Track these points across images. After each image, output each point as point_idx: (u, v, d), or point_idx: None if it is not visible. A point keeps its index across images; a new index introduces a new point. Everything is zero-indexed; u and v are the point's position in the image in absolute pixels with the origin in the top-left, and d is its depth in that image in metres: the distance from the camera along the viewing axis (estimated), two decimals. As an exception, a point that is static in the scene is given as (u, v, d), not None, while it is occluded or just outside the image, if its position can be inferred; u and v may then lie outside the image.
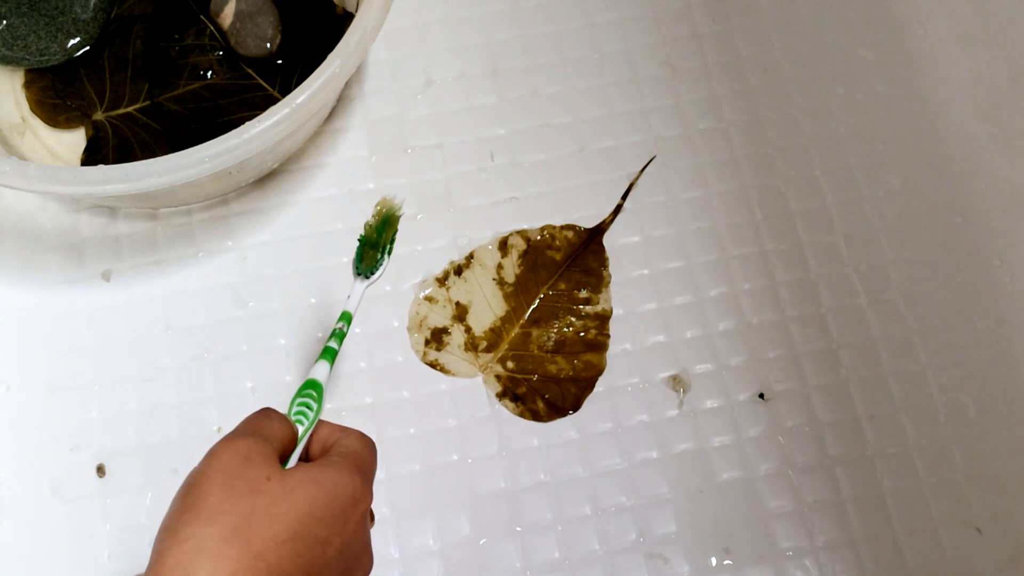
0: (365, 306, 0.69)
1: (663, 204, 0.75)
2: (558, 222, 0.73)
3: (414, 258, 0.73)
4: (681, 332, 0.72)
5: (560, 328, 0.70)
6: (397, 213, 0.55)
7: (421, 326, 0.71)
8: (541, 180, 0.75)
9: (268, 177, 0.74)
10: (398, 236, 0.56)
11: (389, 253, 0.54)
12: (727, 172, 0.75)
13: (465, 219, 0.73)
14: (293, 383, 0.69)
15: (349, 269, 0.65)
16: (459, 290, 0.70)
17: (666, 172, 0.75)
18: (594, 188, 0.75)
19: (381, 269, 0.54)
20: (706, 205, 0.75)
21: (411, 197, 0.72)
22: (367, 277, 0.54)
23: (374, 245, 0.54)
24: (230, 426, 0.45)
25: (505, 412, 0.69)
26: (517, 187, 0.74)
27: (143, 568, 0.39)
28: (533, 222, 0.74)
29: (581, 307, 0.71)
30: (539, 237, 0.72)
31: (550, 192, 0.74)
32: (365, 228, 0.55)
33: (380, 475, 0.66)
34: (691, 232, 0.75)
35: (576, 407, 0.69)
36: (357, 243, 0.55)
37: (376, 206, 0.55)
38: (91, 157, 0.71)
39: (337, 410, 0.69)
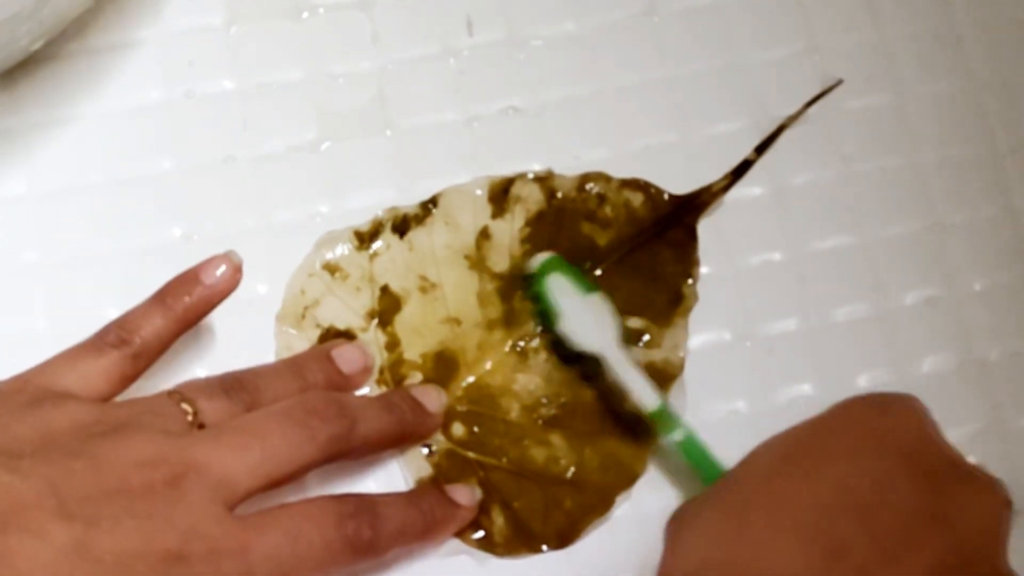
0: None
1: (823, 166, 0.57)
2: (614, 171, 0.56)
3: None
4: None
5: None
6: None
7: (303, 317, 0.53)
8: (569, 72, 0.57)
9: (26, 67, 0.57)
10: None
11: None
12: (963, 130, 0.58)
13: (415, 152, 0.57)
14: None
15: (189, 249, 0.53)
16: (393, 263, 0.54)
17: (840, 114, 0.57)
18: (681, 109, 0.57)
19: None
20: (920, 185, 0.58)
21: (309, 108, 0.57)
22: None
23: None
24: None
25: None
26: (520, 87, 0.57)
27: None
28: (555, 165, 0.56)
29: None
30: (576, 192, 0.55)
31: (583, 96, 0.57)
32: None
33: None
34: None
35: (567, 538, 0.51)
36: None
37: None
38: None
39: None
